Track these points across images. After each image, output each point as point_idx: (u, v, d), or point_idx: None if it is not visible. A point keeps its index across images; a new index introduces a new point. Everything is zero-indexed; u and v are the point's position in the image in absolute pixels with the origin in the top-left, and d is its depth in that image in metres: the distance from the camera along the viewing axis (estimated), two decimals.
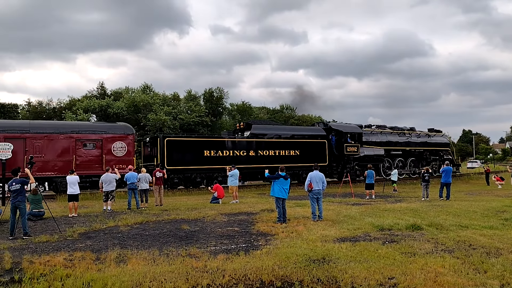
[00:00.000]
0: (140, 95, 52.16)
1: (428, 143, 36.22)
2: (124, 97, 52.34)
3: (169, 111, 48.11)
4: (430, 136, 36.85)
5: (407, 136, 34.85)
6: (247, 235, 10.12)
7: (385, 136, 33.34)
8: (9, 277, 6.93)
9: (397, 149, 33.45)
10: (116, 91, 58.63)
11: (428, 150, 35.84)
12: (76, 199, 14.31)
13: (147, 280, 6.34)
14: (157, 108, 47.87)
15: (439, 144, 37.20)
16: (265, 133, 27.19)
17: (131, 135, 23.56)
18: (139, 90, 57.27)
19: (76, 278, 6.43)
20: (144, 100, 49.37)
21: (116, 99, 53.02)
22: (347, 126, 31.71)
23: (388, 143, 33.00)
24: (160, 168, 17.45)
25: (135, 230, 11.02)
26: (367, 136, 31.86)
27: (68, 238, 10.01)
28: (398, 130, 34.96)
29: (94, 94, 56.53)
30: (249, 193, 22.31)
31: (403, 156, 33.98)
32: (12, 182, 10.33)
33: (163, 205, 16.54)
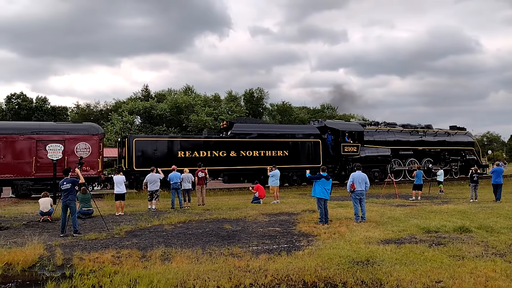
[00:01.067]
0: (182, 96, 53.24)
1: (447, 142, 32.73)
2: (167, 99, 53.57)
3: (210, 112, 48.77)
4: (450, 135, 33.38)
5: (420, 135, 31.67)
6: (288, 236, 10.10)
7: (393, 135, 30.41)
8: (60, 273, 7.27)
9: (407, 148, 30.48)
10: (159, 93, 60.16)
11: (446, 150, 32.42)
12: (123, 198, 14.77)
13: (191, 278, 6.45)
14: (199, 109, 48.66)
15: (460, 143, 33.55)
16: (249, 132, 25.33)
17: (96, 135, 22.29)
18: (181, 92, 58.46)
19: (124, 275, 6.64)
20: (186, 102, 50.33)
21: (159, 100, 54.37)
22: (344, 124, 29.69)
23: (397, 142, 30.07)
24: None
25: (178, 229, 11.24)
26: (370, 135, 29.24)
27: (115, 236, 10.35)
28: (410, 128, 32.06)
29: (139, 96, 58.20)
30: (290, 193, 22.23)
31: (416, 156, 30.98)
32: (63, 182, 10.80)
33: (205, 204, 16.77)
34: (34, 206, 16.60)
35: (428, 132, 32.29)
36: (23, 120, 50.25)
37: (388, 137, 30.03)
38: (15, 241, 9.69)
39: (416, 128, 32.29)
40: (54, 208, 13.40)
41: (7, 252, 8.30)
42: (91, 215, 13.75)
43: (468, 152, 33.75)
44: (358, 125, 29.66)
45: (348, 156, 27.52)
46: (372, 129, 29.88)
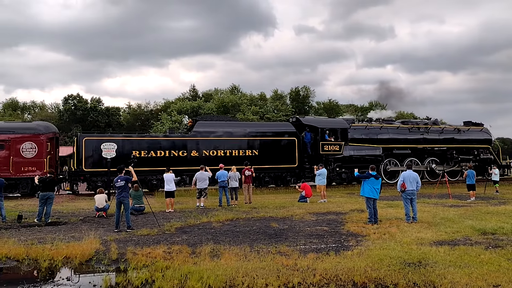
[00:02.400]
0: (228, 95, 53.84)
1: (455, 140, 29.30)
2: (214, 98, 54.39)
3: (256, 111, 49.04)
4: (460, 132, 29.84)
5: (421, 132, 28.45)
6: (336, 235, 9.99)
7: (386, 133, 27.36)
8: (115, 267, 7.57)
9: (403, 147, 27.48)
10: (206, 92, 61.18)
11: (455, 148, 28.95)
12: (173, 196, 15.19)
13: (240, 275, 6.52)
14: (245, 108, 49.04)
15: (473, 141, 29.94)
16: (213, 131, 23.91)
17: (44, 134, 21.57)
18: (228, 91, 59.14)
19: (175, 270, 6.82)
20: (232, 101, 50.87)
21: (206, 100, 55.32)
22: (324, 121, 27.18)
23: (391, 140, 27.11)
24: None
25: (226, 227, 11.40)
26: (358, 133, 26.59)
27: (166, 232, 10.65)
28: (410, 124, 28.95)
29: (187, 96, 59.48)
30: (337, 192, 21.96)
31: (417, 155, 27.91)
32: (117, 179, 11.25)
33: (252, 203, 16.90)
34: (89, 202, 17.40)
35: (432, 129, 28.99)
36: (79, 120, 52.74)
37: (380, 135, 27.13)
38: (73, 236, 10.20)
39: (417, 124, 29.24)
40: (109, 204, 13.99)
41: (65, 246, 8.75)
42: (143, 212, 14.23)
43: (483, 151, 30.00)
44: (342, 121, 27.33)
45: (328, 156, 25.22)
46: (361, 126, 27.28)
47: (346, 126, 26.16)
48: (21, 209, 15.35)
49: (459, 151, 29.21)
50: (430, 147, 28.39)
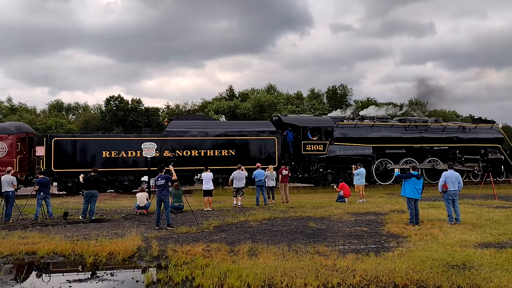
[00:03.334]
0: (265, 95, 53.95)
1: (459, 139, 27.04)
2: (250, 98, 54.64)
3: (293, 110, 48.90)
4: (465, 130, 27.48)
5: (419, 130, 26.35)
6: (376, 236, 9.82)
7: (379, 131, 25.59)
8: (156, 263, 7.75)
9: (397, 146, 25.64)
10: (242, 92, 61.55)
11: (458, 148, 26.79)
12: (211, 194, 15.38)
13: (278, 274, 6.53)
14: (281, 107, 48.98)
15: (481, 139, 27.52)
16: (186, 130, 23.20)
17: (13, 135, 21.27)
18: (264, 91, 59.26)
19: (214, 268, 6.91)
20: (269, 100, 50.94)
21: (243, 100, 55.63)
22: (306, 119, 25.67)
23: (383, 139, 25.33)
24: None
25: (264, 226, 11.44)
26: (346, 131, 25.04)
27: (204, 230, 10.80)
28: (409, 122, 26.78)
29: (224, 96, 60.05)
30: (376, 192, 21.56)
31: (414, 155, 25.96)
32: (158, 178, 11.52)
33: (289, 202, 16.87)
34: (131, 200, 17.88)
35: (433, 127, 26.88)
36: (120, 120, 54.25)
37: (372, 134, 25.36)
38: (116, 233, 10.52)
39: (415, 122, 27.01)
40: (149, 203, 14.34)
41: (109, 243, 9.03)
42: (182, 210, 14.49)
43: (492, 150, 27.48)
44: (327, 119, 25.77)
45: (311, 156, 23.95)
46: (350, 125, 25.61)
47: (331, 125, 24.77)
48: (67, 207, 15.97)
49: (463, 150, 27.01)
50: (428, 147, 26.43)
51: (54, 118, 53.47)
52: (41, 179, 13.72)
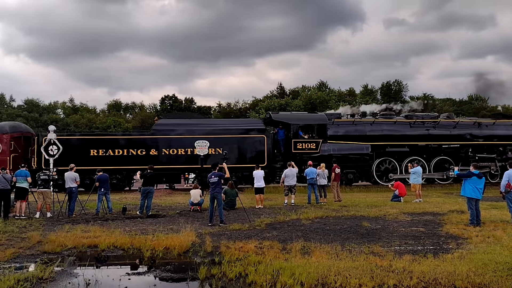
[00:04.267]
0: (316, 92, 53.42)
1: (474, 136, 24.91)
2: (301, 95, 54.31)
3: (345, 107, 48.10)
4: (481, 126, 25.27)
5: (426, 127, 24.57)
6: (434, 237, 9.45)
7: (379, 128, 24.13)
8: (210, 259, 7.89)
9: (399, 144, 24.07)
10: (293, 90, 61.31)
11: (471, 146, 24.81)
12: (262, 192, 15.45)
13: (332, 274, 6.45)
14: (333, 104, 48.30)
15: (498, 136, 25.17)
16: (173, 129, 23.10)
17: (7, 134, 21.85)
18: (315, 88, 58.71)
19: (267, 265, 6.93)
20: (320, 97, 50.38)
21: (294, 97, 55.43)
22: (297, 117, 24.52)
23: (383, 137, 23.89)
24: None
25: (316, 224, 11.33)
26: (343, 129, 23.92)
27: (256, 228, 10.87)
28: (415, 118, 24.93)
29: (274, 94, 60.11)
30: (434, 192, 20.74)
31: (420, 154, 24.31)
32: (211, 175, 11.73)
33: (342, 201, 16.61)
34: (185, 197, 18.34)
35: (442, 124, 24.97)
36: None
37: (371, 131, 23.98)
38: (171, 228, 10.83)
39: (423, 118, 25.16)
40: (203, 199, 14.64)
41: (165, 238, 9.31)
42: (234, 207, 14.66)
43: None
44: (321, 117, 24.64)
45: (303, 154, 22.95)
46: (347, 122, 24.43)
47: (324, 122, 23.72)
48: (125, 202, 16.63)
49: (477, 148, 25.02)
50: (436, 144, 24.59)
51: (113, 117, 55.87)
52: (101, 176, 14.38)
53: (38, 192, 13.72)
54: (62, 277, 6.85)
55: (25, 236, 9.98)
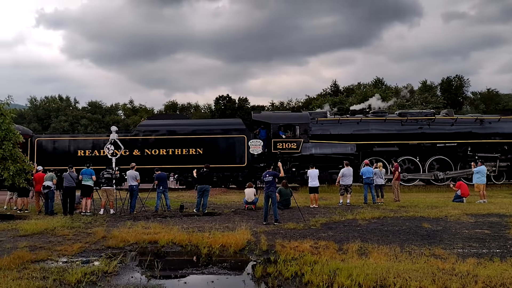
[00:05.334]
0: (372, 89, 52.16)
1: (474, 134, 23.34)
2: (356, 93, 53.24)
3: (403, 103, 46.57)
4: (484, 123, 23.58)
5: (420, 125, 23.39)
6: (501, 240, 8.93)
7: (366, 127, 23.35)
8: (265, 257, 7.93)
9: (388, 143, 23.06)
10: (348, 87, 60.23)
11: (470, 144, 23.22)
12: (317, 191, 15.31)
13: (391, 275, 6.27)
14: None
15: (503, 134, 23.44)
16: (155, 130, 23.59)
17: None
18: (371, 85, 57.33)
19: (323, 265, 6.86)
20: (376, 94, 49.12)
21: (348, 95, 54.46)
22: (278, 116, 24.27)
23: (371, 135, 23.12)
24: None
25: (373, 225, 11.07)
26: (327, 128, 23.26)
27: (311, 227, 10.79)
28: (409, 116, 23.70)
29: (328, 92, 59.40)
30: (500, 192, 19.61)
31: (414, 154, 23.26)
32: (266, 174, 11.80)
33: (400, 201, 16.11)
34: (239, 195, 18.57)
35: (438, 121, 23.61)
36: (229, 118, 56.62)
37: (357, 130, 23.26)
38: (227, 226, 11.00)
39: (417, 116, 23.76)
40: (257, 198, 14.74)
41: (221, 235, 9.47)
42: (288, 206, 14.64)
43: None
44: (303, 116, 24.25)
45: (284, 155, 22.51)
46: (332, 121, 23.71)
47: (306, 121, 23.23)
48: (182, 200, 17.11)
49: (478, 147, 23.28)
50: (429, 143, 23.23)
51: None
52: (159, 175, 14.88)
53: (102, 190, 14.45)
54: (125, 271, 7.16)
55: (90, 231, 10.53)
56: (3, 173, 12.66)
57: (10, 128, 13.04)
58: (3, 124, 12.83)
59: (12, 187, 14.22)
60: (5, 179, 12.79)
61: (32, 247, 8.82)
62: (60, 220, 12.02)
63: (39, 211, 14.59)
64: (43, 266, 7.32)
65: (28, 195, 15.15)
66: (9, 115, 13.15)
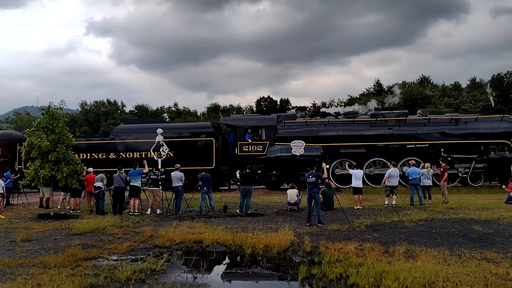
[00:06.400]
0: (417, 88, 50.73)
1: (448, 135, 22.60)
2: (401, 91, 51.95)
3: (450, 102, 44.96)
4: (460, 122, 22.79)
5: (389, 126, 22.89)
6: None
7: (334, 129, 23.13)
8: (309, 259, 7.89)
9: (355, 145, 22.85)
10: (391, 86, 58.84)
11: (442, 145, 22.49)
12: (361, 192, 15.06)
13: (440, 279, 6.09)
14: (436, 100, 45.47)
15: (480, 134, 22.51)
16: (129, 134, 24.28)
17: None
18: (416, 83, 55.76)
19: (369, 268, 6.75)
20: (421, 93, 47.73)
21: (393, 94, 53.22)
22: (244, 119, 24.84)
23: (338, 137, 22.82)
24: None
25: (420, 227, 10.76)
26: (293, 130, 23.15)
27: (356, 229, 10.63)
28: (381, 117, 23.29)
29: (371, 92, 58.30)
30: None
31: (386, 155, 22.49)
32: (309, 175, 11.74)
33: (448, 202, 15.56)
34: (281, 196, 18.56)
35: (409, 122, 23.05)
36: None
37: (324, 132, 23.08)
38: (270, 227, 11.04)
39: (385, 117, 23.32)
40: (300, 199, 14.69)
41: (264, 236, 9.53)
42: (332, 208, 14.50)
43: (497, 147, 22.43)
44: (269, 118, 24.21)
45: (249, 157, 22.48)
46: (299, 123, 23.65)
47: (271, 124, 23.33)
48: (225, 201, 17.32)
49: (452, 148, 22.49)
50: (397, 145, 22.64)
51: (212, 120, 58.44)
52: (203, 176, 15.14)
53: (149, 190, 14.88)
54: (172, 270, 7.35)
55: (138, 230, 10.88)
56: (57, 174, 13.33)
57: (64, 131, 13.71)
58: (57, 128, 13.52)
59: (66, 188, 14.92)
60: (59, 180, 13.45)
61: (84, 245, 9.22)
62: (110, 220, 12.49)
63: (90, 210, 15.21)
64: (94, 263, 7.65)
65: (81, 195, 15.88)
66: (62, 119, 13.85)
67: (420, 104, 46.82)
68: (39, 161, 13.57)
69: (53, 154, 13.27)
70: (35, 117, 18.87)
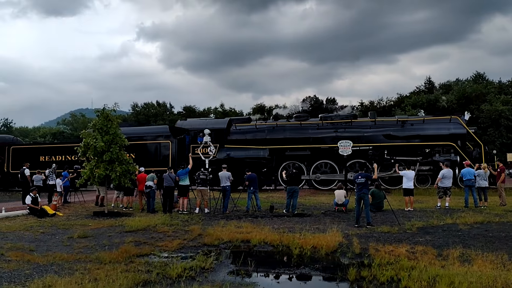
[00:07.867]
0: (471, 85, 48.60)
1: (394, 137, 22.88)
2: (453, 89, 49.96)
3: (507, 100, 42.74)
4: (405, 125, 23.13)
5: (335, 129, 23.57)
6: None
7: (281, 132, 24.15)
8: (359, 261, 7.76)
9: (301, 147, 23.56)
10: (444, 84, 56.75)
11: (387, 147, 22.53)
12: (412, 194, 14.60)
13: (499, 285, 5.81)
14: (492, 98, 43.34)
15: (426, 137, 22.61)
16: None
17: None
18: (470, 81, 53.41)
19: (421, 271, 6.54)
20: (476, 91, 45.67)
21: (445, 92, 51.29)
22: (196, 123, 26.14)
23: (284, 140, 23.83)
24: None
25: (475, 230, 10.30)
26: (245, 133, 24.61)
27: (407, 231, 10.33)
28: (330, 120, 24.11)
29: (422, 90, 56.48)
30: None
31: (333, 157, 22.66)
32: (358, 176, 11.55)
33: (506, 205, 14.79)
34: (328, 197, 18.36)
35: (356, 124, 23.77)
36: None
37: (272, 135, 24.20)
38: (318, 227, 10.95)
39: (332, 120, 24.20)
40: (348, 200, 14.47)
41: (312, 237, 9.46)
42: (381, 209, 14.17)
43: (442, 150, 22.28)
44: (220, 122, 26.16)
45: (201, 159, 20.51)
46: (249, 127, 25.08)
47: (221, 127, 24.82)
48: (272, 201, 17.35)
49: (396, 150, 22.52)
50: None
51: None
52: (250, 176, 15.24)
53: (197, 190, 15.18)
54: (221, 268, 7.46)
55: (187, 229, 11.12)
56: (111, 174, 13.88)
57: (117, 132, 14.26)
58: (111, 129, 14.09)
59: (119, 186, 15.50)
60: (113, 179, 14.00)
61: (137, 242, 9.55)
62: (160, 218, 12.85)
63: (141, 209, 15.72)
64: (147, 260, 7.90)
65: (133, 194, 16.46)
66: (115, 121, 14.42)
67: (475, 101, 44.83)
68: (94, 161, 14.18)
69: (107, 154, 13.84)
70: (90, 119, 19.83)
